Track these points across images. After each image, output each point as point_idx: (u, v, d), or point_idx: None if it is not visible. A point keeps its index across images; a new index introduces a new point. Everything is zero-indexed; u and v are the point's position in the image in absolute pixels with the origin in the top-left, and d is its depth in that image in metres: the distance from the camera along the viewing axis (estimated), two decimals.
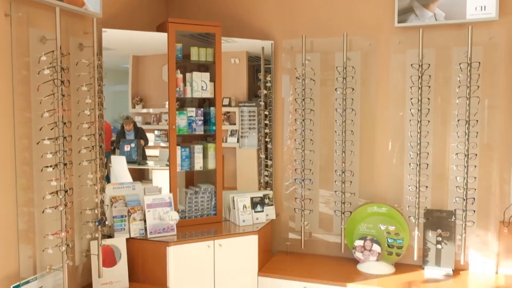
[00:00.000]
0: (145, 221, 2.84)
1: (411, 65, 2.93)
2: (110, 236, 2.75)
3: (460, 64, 2.84)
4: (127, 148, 3.13)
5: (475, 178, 2.89)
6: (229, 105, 3.43)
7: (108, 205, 2.80)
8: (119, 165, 3.09)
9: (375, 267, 3.02)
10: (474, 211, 2.89)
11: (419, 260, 3.05)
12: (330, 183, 3.29)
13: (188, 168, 3.20)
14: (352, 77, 3.12)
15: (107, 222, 2.76)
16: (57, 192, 2.27)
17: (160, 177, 3.12)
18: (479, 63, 2.82)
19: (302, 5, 3.36)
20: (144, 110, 3.19)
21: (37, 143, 2.27)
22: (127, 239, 2.76)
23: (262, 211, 3.22)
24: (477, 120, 2.84)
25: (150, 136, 3.22)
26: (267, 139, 3.44)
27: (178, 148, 3.10)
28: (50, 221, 2.31)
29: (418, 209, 2.95)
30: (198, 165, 3.22)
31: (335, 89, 3.18)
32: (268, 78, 3.41)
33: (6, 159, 2.19)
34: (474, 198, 2.88)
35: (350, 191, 3.17)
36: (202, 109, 3.23)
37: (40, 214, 2.30)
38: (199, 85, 3.18)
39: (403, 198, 3.12)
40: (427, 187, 3.01)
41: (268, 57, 3.42)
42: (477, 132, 2.85)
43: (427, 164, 2.98)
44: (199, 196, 3.22)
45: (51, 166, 2.27)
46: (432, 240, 3.03)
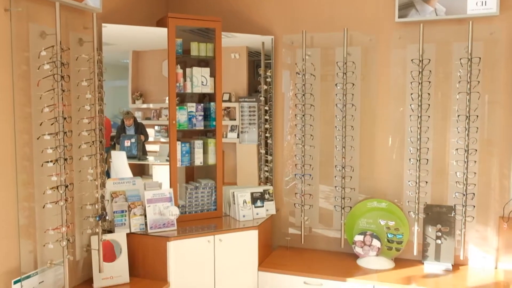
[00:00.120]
0: (146, 216, 2.84)
1: (412, 60, 2.93)
2: (111, 231, 2.76)
3: (461, 59, 2.84)
4: (127, 143, 3.13)
5: (475, 174, 2.89)
6: (229, 101, 3.43)
7: (109, 200, 2.80)
8: (120, 160, 3.09)
9: (375, 262, 3.03)
10: (474, 206, 2.90)
11: (419, 255, 3.06)
12: (330, 178, 3.29)
13: (188, 163, 3.20)
14: (353, 72, 3.12)
15: (108, 217, 2.76)
16: (58, 187, 2.28)
17: (160, 172, 3.12)
18: (480, 59, 2.82)
19: (303, 0, 3.35)
20: (144, 106, 3.19)
21: (38, 138, 2.27)
22: (128, 234, 2.77)
23: (262, 206, 3.23)
24: (477, 116, 2.84)
25: (150, 132, 3.23)
26: (267, 135, 3.44)
27: (178, 143, 3.10)
28: (51, 216, 2.32)
29: (418, 204, 2.95)
30: (198, 160, 3.22)
31: (335, 85, 3.18)
32: (268, 73, 3.41)
33: (7, 154, 2.19)
34: (474, 194, 2.89)
35: (350, 186, 3.18)
36: (202, 104, 3.23)
37: (41, 209, 2.31)
38: (199, 80, 3.18)
39: (403, 193, 3.13)
40: (427, 182, 3.01)
41: (268, 52, 3.41)
42: (477, 128, 2.86)
43: (427, 160, 2.99)
44: (199, 191, 3.22)
45: (52, 161, 2.27)
46: (432, 235, 3.03)
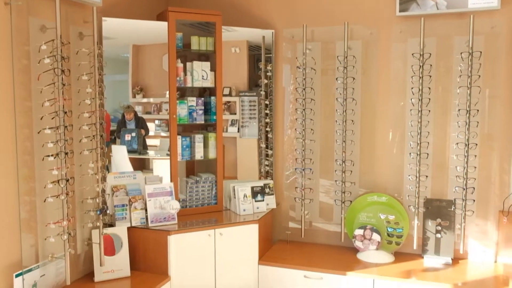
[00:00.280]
0: (146, 210, 2.85)
1: (412, 55, 2.92)
2: (112, 225, 2.77)
3: (462, 54, 2.83)
4: (128, 138, 3.13)
5: (475, 168, 2.90)
6: (230, 95, 3.43)
7: (109, 194, 2.81)
8: (120, 155, 3.09)
9: (375, 256, 3.04)
10: (474, 201, 2.91)
11: (419, 249, 3.07)
12: (331, 173, 3.29)
13: (189, 158, 3.20)
14: (353, 67, 3.12)
15: (109, 211, 2.77)
16: (59, 181, 2.28)
17: (161, 167, 3.13)
18: (481, 53, 2.82)
19: None
20: (145, 100, 3.18)
21: (38, 133, 2.27)
22: (129, 228, 2.78)
23: (263, 200, 3.24)
24: (478, 110, 2.84)
25: (151, 126, 3.23)
26: (268, 129, 3.44)
27: (179, 138, 3.10)
28: (52, 210, 2.33)
29: (418, 199, 2.96)
30: (199, 155, 3.22)
31: (336, 79, 3.17)
32: (269, 68, 3.40)
33: (8, 149, 2.19)
34: (474, 188, 2.89)
35: (350, 181, 3.18)
36: (203, 99, 3.23)
37: (42, 203, 2.31)
38: (200, 75, 3.17)
39: (403, 188, 3.13)
40: (427, 177, 3.02)
41: (269, 46, 3.41)
42: (478, 122, 2.85)
43: (427, 154, 2.99)
44: (200, 186, 3.23)
45: (52, 155, 2.27)
46: (432, 229, 3.04)
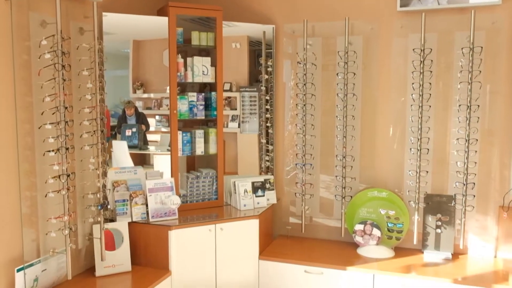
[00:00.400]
0: (147, 205, 2.85)
1: (413, 50, 2.92)
2: (113, 220, 2.78)
3: (462, 49, 2.83)
4: (129, 133, 3.13)
5: (476, 163, 2.90)
6: (230, 90, 3.43)
7: (110, 190, 2.81)
8: (120, 150, 3.10)
9: (375, 251, 3.05)
10: (474, 196, 2.91)
11: (419, 244, 3.08)
12: (331, 168, 3.30)
13: (189, 153, 3.21)
14: (354, 62, 3.11)
15: (109, 206, 2.77)
16: (60, 177, 2.28)
17: (161, 162, 3.13)
18: (482, 48, 2.81)
19: None
20: (145, 95, 3.18)
21: (39, 128, 2.28)
22: (129, 223, 2.78)
23: (263, 196, 3.24)
24: (478, 106, 2.83)
25: (151, 121, 3.23)
26: (268, 124, 3.44)
27: (179, 133, 3.11)
28: (53, 205, 2.33)
29: (418, 194, 2.96)
30: (199, 150, 3.22)
31: (337, 74, 3.17)
32: (269, 63, 3.40)
33: (8, 144, 2.20)
34: (474, 183, 2.90)
35: (351, 176, 3.19)
36: (203, 94, 3.23)
37: (43, 198, 2.32)
38: (200, 70, 3.17)
39: (404, 183, 3.14)
40: (428, 172, 3.02)
41: (270, 42, 3.40)
42: (478, 118, 2.85)
43: (428, 149, 2.99)
44: (200, 181, 3.23)
45: (53, 151, 2.27)
46: (432, 225, 3.05)
